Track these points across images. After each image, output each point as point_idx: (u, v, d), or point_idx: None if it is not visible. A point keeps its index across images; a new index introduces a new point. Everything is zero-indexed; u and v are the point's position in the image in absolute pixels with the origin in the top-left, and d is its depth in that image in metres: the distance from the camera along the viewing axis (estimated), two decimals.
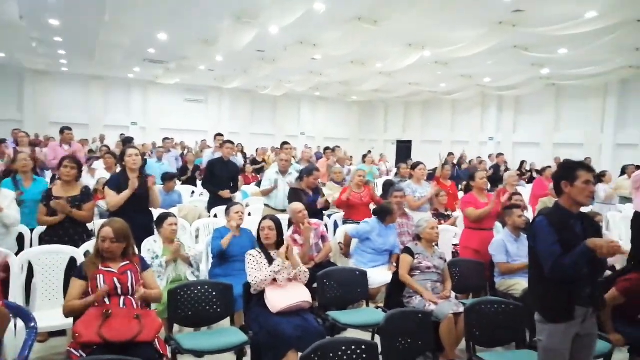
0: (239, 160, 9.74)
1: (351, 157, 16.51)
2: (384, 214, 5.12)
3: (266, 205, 6.34)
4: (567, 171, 2.86)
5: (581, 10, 9.07)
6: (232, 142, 7.39)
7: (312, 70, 16.88)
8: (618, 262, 5.34)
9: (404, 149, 23.35)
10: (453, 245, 5.89)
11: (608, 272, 4.86)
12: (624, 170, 10.11)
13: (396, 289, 4.18)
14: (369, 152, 13.69)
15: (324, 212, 6.22)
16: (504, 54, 12.75)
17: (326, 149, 11.61)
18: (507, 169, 11.62)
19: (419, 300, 3.98)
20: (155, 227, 4.41)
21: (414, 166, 6.67)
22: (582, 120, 16.86)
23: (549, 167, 9.48)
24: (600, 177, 8.49)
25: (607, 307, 3.56)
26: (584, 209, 2.98)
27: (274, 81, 19.29)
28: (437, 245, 4.57)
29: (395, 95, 21.81)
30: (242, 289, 3.77)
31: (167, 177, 7.34)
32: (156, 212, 4.73)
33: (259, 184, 8.37)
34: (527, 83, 16.75)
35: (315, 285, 4.08)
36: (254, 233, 4.18)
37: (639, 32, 9.97)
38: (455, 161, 13.20)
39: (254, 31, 10.78)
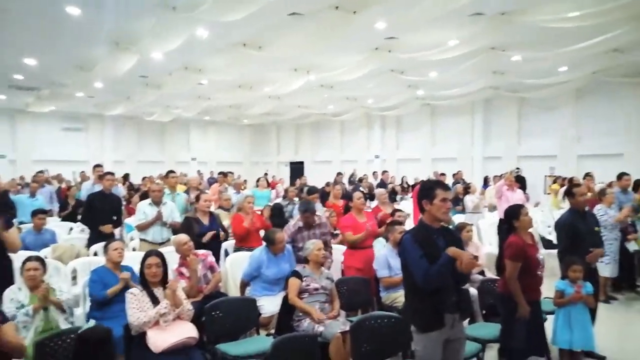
0: (120, 191, 9.20)
1: (245, 180, 16.42)
2: (268, 243, 4.98)
3: (143, 240, 6.04)
4: (427, 191, 3.10)
5: (445, 38, 9.98)
6: (112, 174, 7.00)
7: (200, 95, 16.62)
8: (489, 267, 5.89)
9: (297, 170, 23.74)
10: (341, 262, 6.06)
11: (479, 277, 5.37)
12: (486, 181, 11.19)
13: (286, 314, 4.21)
14: (265, 174, 13.82)
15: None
16: (382, 77, 13.59)
17: (220, 173, 11.44)
18: (391, 184, 12.32)
19: (307, 323, 4.04)
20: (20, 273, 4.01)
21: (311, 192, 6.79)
22: (455, 136, 18.42)
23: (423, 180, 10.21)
24: (466, 190, 9.31)
25: (513, 280, 3.85)
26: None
27: (161, 107, 18.64)
28: (324, 266, 4.69)
29: (286, 117, 22.20)
30: (123, 331, 3.56)
31: (34, 214, 6.70)
32: (19, 256, 4.29)
33: None
34: (406, 103, 18.01)
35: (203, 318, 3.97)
36: (137, 269, 3.98)
37: (494, 58, 11.23)
38: (344, 180, 13.75)
39: (135, 57, 10.37)
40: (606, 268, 6.35)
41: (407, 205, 10.42)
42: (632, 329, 5.79)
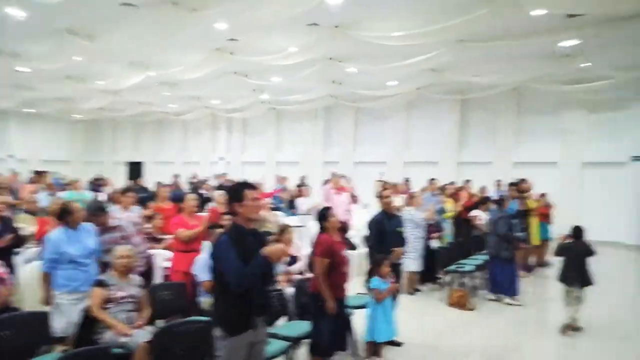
0: None
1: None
2: (64, 216, 4.37)
3: None
4: (236, 193, 3.08)
5: (285, 45, 10.24)
6: None
7: (19, 84, 14.71)
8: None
9: (135, 171, 22.34)
10: (165, 268, 5.82)
11: (297, 277, 5.56)
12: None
13: (86, 326, 3.87)
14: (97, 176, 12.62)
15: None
16: (227, 79, 13.48)
17: (36, 172, 10.19)
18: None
19: (110, 334, 3.76)
20: None
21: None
22: (299, 140, 19.05)
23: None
24: (299, 193, 9.66)
25: (321, 277, 4.02)
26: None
27: None
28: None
29: (124, 114, 20.77)
30: None
31: None
32: None
33: None
34: (251, 106, 18.12)
35: None
36: None
37: (332, 68, 11.86)
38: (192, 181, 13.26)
39: None
40: (412, 263, 7.10)
41: None
42: (431, 317, 6.53)
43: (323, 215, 4.31)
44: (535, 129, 14.22)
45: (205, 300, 4.81)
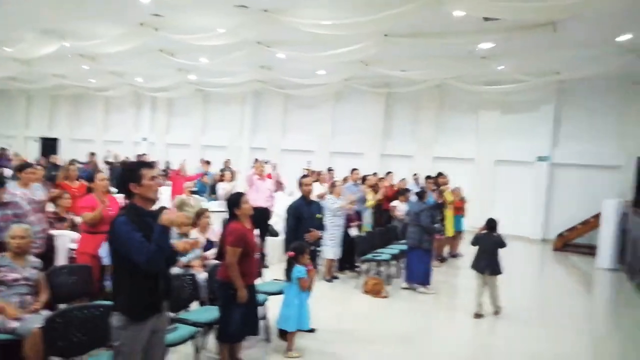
0: None
1: None
2: None
3: None
4: (132, 173, 2.93)
5: (213, 24, 9.95)
6: None
7: None
8: None
9: (49, 147, 20.90)
10: (71, 249, 5.53)
11: (212, 262, 5.49)
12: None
13: None
14: (2, 149, 11.57)
15: None
16: (151, 56, 12.92)
17: None
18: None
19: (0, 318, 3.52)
20: None
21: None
22: (226, 124, 18.62)
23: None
24: (221, 177, 9.51)
25: (233, 266, 3.96)
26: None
27: None
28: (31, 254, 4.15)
29: (38, 86, 19.30)
30: None
31: None
32: None
33: None
34: (177, 87, 17.50)
35: None
36: None
37: (260, 52, 11.67)
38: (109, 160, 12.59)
39: None
40: (331, 251, 7.24)
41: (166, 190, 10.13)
42: (346, 304, 6.72)
43: (235, 201, 4.21)
44: (455, 125, 14.89)
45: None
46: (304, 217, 5.44)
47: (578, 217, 12.45)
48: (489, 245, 6.26)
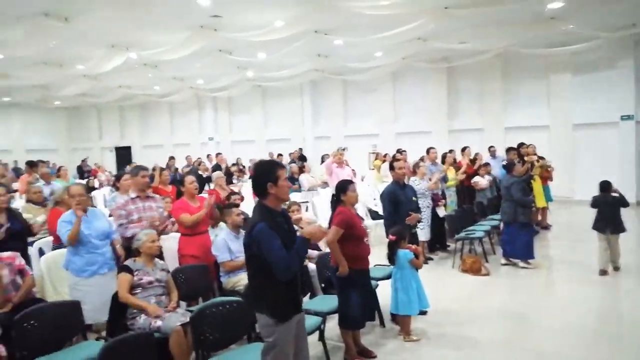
0: None
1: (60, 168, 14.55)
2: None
3: None
4: (269, 174, 2.91)
5: (271, 19, 10.00)
6: None
7: None
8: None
9: (124, 156, 21.95)
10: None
11: (315, 252, 5.56)
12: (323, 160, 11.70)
13: (118, 313, 3.82)
14: (83, 161, 12.28)
15: None
16: (211, 57, 13.16)
17: (28, 163, 9.95)
18: (227, 167, 12.13)
19: (143, 319, 3.73)
20: None
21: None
22: (286, 117, 18.83)
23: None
24: (301, 169, 9.60)
25: (334, 244, 4.02)
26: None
27: None
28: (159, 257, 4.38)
29: (107, 99, 20.23)
30: None
31: None
32: None
33: None
34: (236, 85, 17.78)
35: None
36: None
37: (317, 40, 11.64)
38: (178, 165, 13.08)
39: None
40: (422, 233, 7.15)
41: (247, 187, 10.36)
42: (447, 284, 6.61)
43: (343, 188, 4.27)
44: (524, 93, 14.26)
45: (227, 281, 4.79)
46: (401, 200, 5.38)
47: None
48: (609, 205, 6.57)
